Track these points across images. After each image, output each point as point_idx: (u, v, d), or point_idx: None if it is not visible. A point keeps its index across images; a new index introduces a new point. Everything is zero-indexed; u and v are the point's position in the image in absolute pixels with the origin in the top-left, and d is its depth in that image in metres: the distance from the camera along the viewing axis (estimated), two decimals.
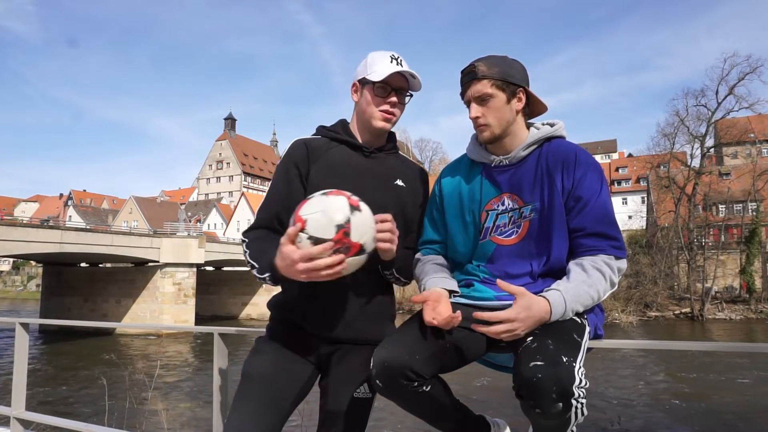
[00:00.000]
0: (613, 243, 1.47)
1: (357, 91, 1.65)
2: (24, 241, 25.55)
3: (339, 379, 1.56)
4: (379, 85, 1.59)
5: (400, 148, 1.75)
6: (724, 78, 36.65)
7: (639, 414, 12.63)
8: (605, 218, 1.48)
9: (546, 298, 1.36)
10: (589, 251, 1.47)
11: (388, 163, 1.67)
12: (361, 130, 1.67)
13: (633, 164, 60.34)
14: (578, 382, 1.22)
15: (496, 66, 1.53)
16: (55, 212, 76.34)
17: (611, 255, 1.46)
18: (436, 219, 1.68)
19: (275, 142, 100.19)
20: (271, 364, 1.55)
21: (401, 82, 1.62)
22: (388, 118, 1.62)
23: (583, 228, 1.48)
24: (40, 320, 3.39)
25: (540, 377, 1.20)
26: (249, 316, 39.33)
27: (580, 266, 1.45)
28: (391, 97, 1.61)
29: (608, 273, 1.44)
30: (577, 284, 1.41)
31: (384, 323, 1.63)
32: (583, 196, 1.48)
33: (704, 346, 1.64)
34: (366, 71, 1.61)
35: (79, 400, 14.01)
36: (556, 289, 1.39)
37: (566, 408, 1.21)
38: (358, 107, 1.66)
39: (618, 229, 1.50)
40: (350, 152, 1.64)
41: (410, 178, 1.69)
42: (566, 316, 1.37)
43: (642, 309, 34.64)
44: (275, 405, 1.51)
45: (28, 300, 62.05)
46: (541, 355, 1.24)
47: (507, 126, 1.55)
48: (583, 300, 1.40)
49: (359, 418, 1.55)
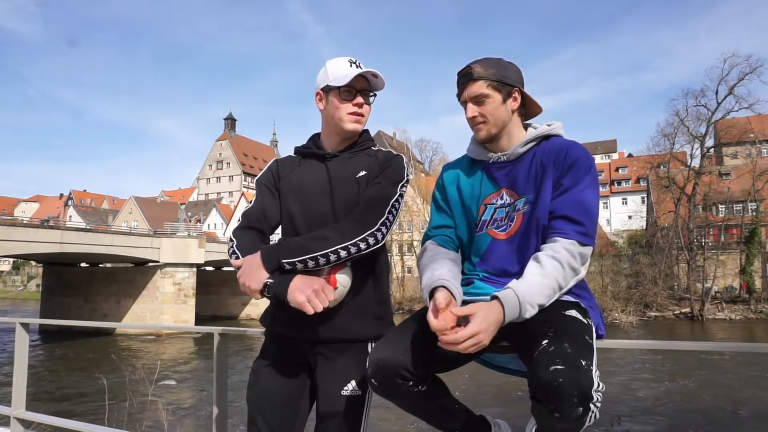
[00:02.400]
0: (579, 228, 1.46)
1: (322, 99, 1.70)
2: (24, 241, 25.53)
3: (326, 378, 1.58)
4: (344, 89, 1.64)
5: (400, 149, 1.76)
6: (723, 78, 36.67)
7: (639, 414, 12.62)
8: (578, 205, 1.48)
9: (498, 297, 1.36)
10: (554, 233, 1.47)
11: (354, 160, 1.68)
12: (331, 136, 1.71)
13: (633, 164, 60.37)
14: (596, 386, 1.22)
15: (491, 67, 1.56)
16: (55, 212, 76.35)
17: (573, 240, 1.45)
18: (443, 206, 1.70)
19: (275, 142, 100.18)
20: (270, 385, 1.62)
21: (364, 83, 1.67)
22: (358, 120, 1.67)
23: (554, 210, 1.50)
24: (40, 320, 3.38)
25: (561, 381, 1.19)
26: (249, 316, 39.34)
27: (535, 259, 1.45)
28: (357, 99, 1.66)
29: (566, 260, 1.43)
30: (531, 278, 1.40)
31: (366, 321, 1.62)
32: (564, 183, 1.50)
33: (704, 346, 1.64)
34: (328, 78, 1.65)
35: (79, 400, 14.01)
36: (508, 287, 1.39)
37: (585, 412, 1.20)
38: (326, 114, 1.70)
39: (589, 218, 1.48)
40: (317, 164, 1.70)
41: (372, 163, 1.68)
42: (525, 312, 1.36)
43: (642, 309, 34.62)
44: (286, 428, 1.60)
45: (28, 300, 62.02)
46: (561, 359, 1.23)
47: (503, 125, 1.58)
48: (543, 292, 1.39)
49: (352, 416, 1.55)
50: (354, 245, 1.50)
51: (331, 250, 1.48)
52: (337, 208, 1.62)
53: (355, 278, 1.58)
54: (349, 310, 1.59)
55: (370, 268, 1.63)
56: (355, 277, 1.58)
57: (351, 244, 1.50)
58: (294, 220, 1.66)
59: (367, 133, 1.75)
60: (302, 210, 1.65)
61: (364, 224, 1.53)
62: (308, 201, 1.65)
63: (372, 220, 1.54)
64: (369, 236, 1.52)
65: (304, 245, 1.49)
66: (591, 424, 1.25)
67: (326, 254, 1.47)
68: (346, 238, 1.50)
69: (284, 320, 1.62)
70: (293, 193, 1.68)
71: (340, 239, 1.49)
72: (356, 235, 1.51)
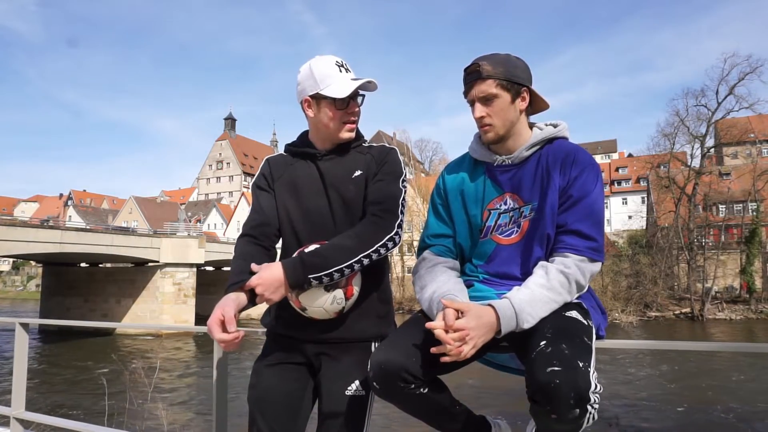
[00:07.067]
0: (592, 244, 1.45)
1: (311, 106, 1.63)
2: (24, 241, 25.53)
3: (330, 378, 1.58)
4: (340, 100, 1.59)
5: (400, 149, 1.75)
6: (724, 78, 36.69)
7: (638, 414, 12.62)
8: (589, 217, 1.47)
9: (493, 306, 1.36)
10: (566, 249, 1.46)
11: (347, 159, 1.67)
12: (323, 140, 1.67)
13: (633, 164, 60.30)
14: (594, 388, 1.22)
15: (500, 65, 1.51)
16: (55, 212, 76.28)
17: (585, 257, 1.44)
18: (442, 213, 1.66)
19: (275, 143, 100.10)
20: (271, 386, 1.60)
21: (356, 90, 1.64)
22: (353, 128, 1.65)
23: (565, 224, 1.48)
24: (40, 320, 3.39)
25: (558, 383, 1.18)
26: (249, 315, 38.91)
27: (544, 269, 1.44)
28: (352, 107, 1.63)
29: (575, 276, 1.42)
30: (534, 288, 1.39)
31: (370, 320, 1.62)
32: (573, 194, 1.48)
33: (704, 346, 1.64)
34: (318, 86, 1.59)
35: (79, 400, 13.99)
36: (505, 297, 1.38)
37: (582, 413, 1.20)
38: (317, 121, 1.65)
39: (600, 232, 1.47)
40: (309, 163, 1.67)
41: (367, 161, 1.66)
42: (524, 322, 1.35)
43: (642, 309, 34.62)
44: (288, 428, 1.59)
45: (28, 300, 62.00)
46: (558, 360, 1.22)
47: (511, 126, 1.55)
48: (545, 305, 1.38)
49: (355, 416, 1.55)
50: (375, 251, 1.51)
51: (355, 260, 1.48)
52: (335, 207, 1.62)
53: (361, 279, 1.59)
54: (354, 310, 1.59)
55: (373, 268, 1.62)
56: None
57: (373, 251, 1.50)
58: (292, 220, 1.65)
59: (358, 129, 1.72)
60: (299, 210, 1.64)
61: (383, 228, 1.53)
62: (304, 200, 1.64)
63: (389, 223, 1.54)
64: (388, 240, 1.53)
65: (328, 257, 1.47)
66: (590, 425, 1.25)
67: (351, 265, 1.48)
68: (368, 245, 1.50)
69: (287, 320, 1.62)
70: (288, 193, 1.67)
71: (362, 247, 1.49)
72: (377, 240, 1.51)
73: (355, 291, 1.55)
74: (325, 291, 1.51)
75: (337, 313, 1.55)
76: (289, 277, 1.46)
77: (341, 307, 1.55)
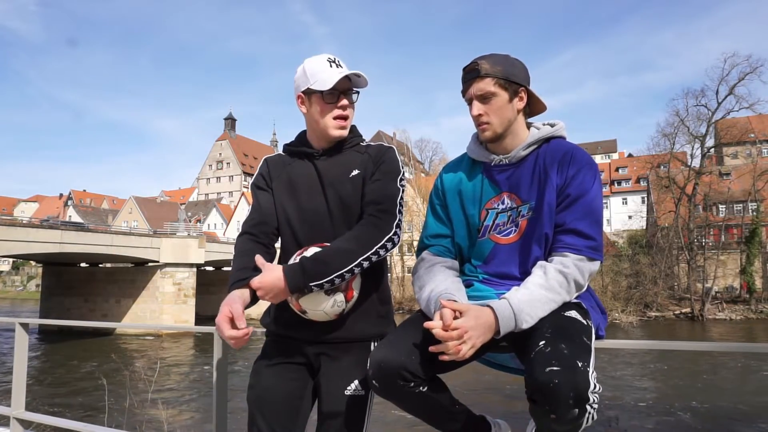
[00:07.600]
0: (590, 243, 1.45)
1: (304, 102, 1.66)
2: (24, 241, 25.53)
3: (329, 378, 1.58)
4: (328, 93, 1.60)
5: (400, 149, 1.75)
6: (724, 78, 36.72)
7: (638, 414, 12.62)
8: (588, 216, 1.47)
9: (491, 306, 1.36)
10: (564, 248, 1.46)
11: (344, 158, 1.67)
12: (318, 139, 1.68)
13: (633, 164, 60.34)
14: (593, 388, 1.22)
15: (498, 64, 1.52)
16: (55, 212, 76.27)
17: (584, 256, 1.45)
18: (441, 213, 1.66)
19: (275, 143, 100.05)
20: (271, 385, 1.60)
21: (347, 83, 1.63)
22: (343, 125, 1.64)
23: (563, 223, 1.48)
24: (40, 320, 3.39)
25: (557, 383, 1.18)
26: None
27: (543, 269, 1.44)
28: (342, 101, 1.63)
29: (573, 276, 1.42)
30: (533, 288, 1.40)
31: (370, 320, 1.62)
32: (571, 193, 1.48)
33: (704, 346, 1.63)
34: (308, 81, 1.61)
35: (79, 400, 14.00)
36: (504, 297, 1.38)
37: (581, 413, 1.20)
38: (310, 117, 1.67)
39: (599, 231, 1.47)
40: (307, 162, 1.68)
41: (364, 160, 1.65)
42: (523, 322, 1.35)
43: (642, 309, 34.64)
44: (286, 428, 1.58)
45: (27, 300, 62.02)
46: (557, 360, 1.22)
47: (508, 125, 1.55)
48: (544, 305, 1.38)
49: (355, 416, 1.55)
50: (375, 253, 1.51)
51: (355, 264, 1.48)
52: (332, 207, 1.62)
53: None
54: (354, 311, 1.59)
55: (372, 269, 1.61)
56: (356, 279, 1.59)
57: (372, 253, 1.50)
58: (289, 219, 1.65)
59: (355, 128, 1.73)
60: (297, 209, 1.65)
61: (381, 229, 1.53)
62: (302, 200, 1.65)
63: (387, 224, 1.54)
64: (387, 241, 1.53)
65: (329, 263, 1.47)
66: (589, 425, 1.25)
67: (351, 269, 1.48)
68: (368, 247, 1.50)
69: (286, 321, 1.62)
70: (286, 193, 1.67)
71: (362, 250, 1.49)
72: (376, 242, 1.51)
73: (355, 293, 1.55)
74: (326, 295, 1.51)
75: (337, 316, 1.56)
76: (290, 284, 1.46)
77: (342, 309, 1.55)
